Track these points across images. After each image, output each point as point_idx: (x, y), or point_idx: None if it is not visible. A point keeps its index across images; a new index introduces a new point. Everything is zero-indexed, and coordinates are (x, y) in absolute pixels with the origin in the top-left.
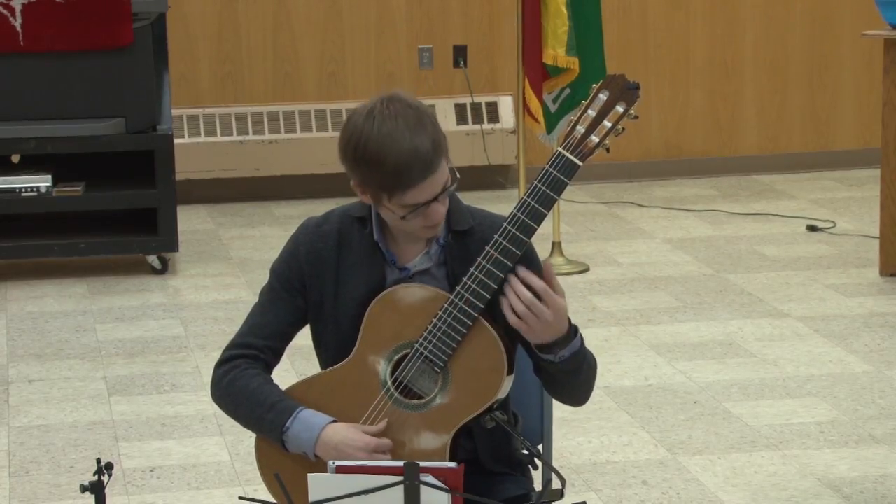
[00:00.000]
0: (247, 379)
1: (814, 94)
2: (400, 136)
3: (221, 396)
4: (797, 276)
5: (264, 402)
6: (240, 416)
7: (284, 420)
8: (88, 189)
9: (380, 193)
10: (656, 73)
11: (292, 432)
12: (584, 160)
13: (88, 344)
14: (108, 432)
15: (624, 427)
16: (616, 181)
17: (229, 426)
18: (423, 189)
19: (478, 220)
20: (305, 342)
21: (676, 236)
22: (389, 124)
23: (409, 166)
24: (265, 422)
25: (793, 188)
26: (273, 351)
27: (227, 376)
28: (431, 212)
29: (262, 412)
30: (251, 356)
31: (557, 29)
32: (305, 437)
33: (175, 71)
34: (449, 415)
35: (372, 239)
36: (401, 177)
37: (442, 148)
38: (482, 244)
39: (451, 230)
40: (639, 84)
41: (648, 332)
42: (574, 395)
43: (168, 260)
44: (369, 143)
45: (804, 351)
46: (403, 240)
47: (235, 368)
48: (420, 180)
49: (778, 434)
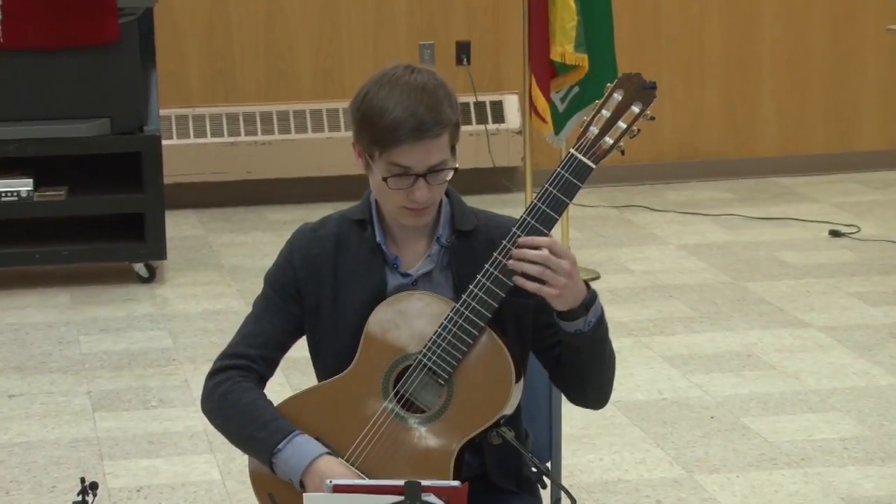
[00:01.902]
0: (240, 392)
1: (836, 92)
2: (407, 97)
3: (212, 409)
4: (819, 284)
5: (257, 420)
6: (229, 431)
7: (277, 441)
8: (71, 194)
9: (372, 149)
10: (669, 70)
11: (283, 455)
12: (598, 163)
13: (72, 357)
14: (92, 450)
15: (637, 444)
16: (628, 184)
17: (220, 443)
18: (414, 152)
19: (482, 220)
20: (300, 354)
21: (691, 242)
22: (403, 85)
23: (404, 123)
24: (256, 440)
25: (814, 191)
26: (267, 361)
27: (220, 388)
28: (415, 188)
29: (254, 430)
30: (244, 367)
31: (566, 24)
32: (295, 463)
33: (163, 69)
34: (453, 430)
35: (373, 242)
36: (394, 131)
37: (448, 124)
38: (488, 245)
39: (454, 230)
40: (655, 83)
41: (662, 343)
42: (602, 379)
43: (155, 268)
44: (377, 95)
45: (826, 363)
46: (405, 240)
47: (228, 381)
48: (412, 139)
49: (799, 451)
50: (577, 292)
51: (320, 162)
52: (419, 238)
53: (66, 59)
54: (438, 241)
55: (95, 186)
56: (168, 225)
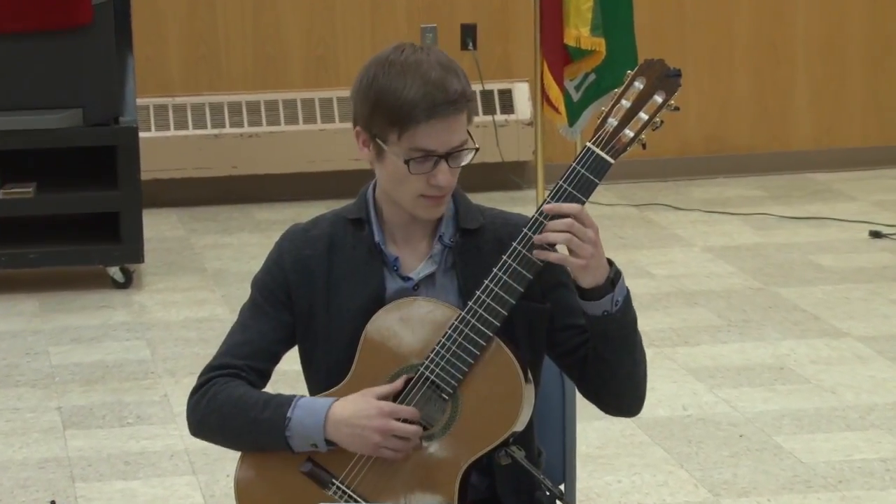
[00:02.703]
0: (229, 389)
1: (876, 80)
2: (428, 67)
3: (203, 419)
4: (858, 290)
5: (256, 404)
6: (230, 431)
7: (284, 412)
8: (40, 191)
9: (388, 132)
10: (694, 56)
11: (295, 422)
12: (617, 157)
13: (40, 369)
14: (63, 471)
15: (659, 464)
16: (649, 180)
17: (202, 464)
18: (436, 130)
19: (489, 218)
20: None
21: (718, 244)
22: (415, 63)
23: (425, 98)
24: (262, 422)
25: (853, 188)
26: (257, 372)
27: (205, 396)
28: (437, 172)
29: (257, 413)
30: (231, 375)
31: (581, 5)
32: (311, 423)
33: (140, 54)
34: (458, 449)
35: (371, 241)
36: (415, 108)
37: (469, 100)
38: (496, 245)
39: (459, 229)
40: (680, 71)
41: (687, 354)
42: (635, 374)
43: (132, 272)
44: (388, 73)
45: (866, 376)
46: (406, 240)
47: (214, 386)
48: (435, 115)
49: (837, 472)
50: (603, 266)
51: (312, 156)
52: (421, 238)
53: (33, 43)
54: (441, 241)
55: (66, 183)
56: (146, 225)
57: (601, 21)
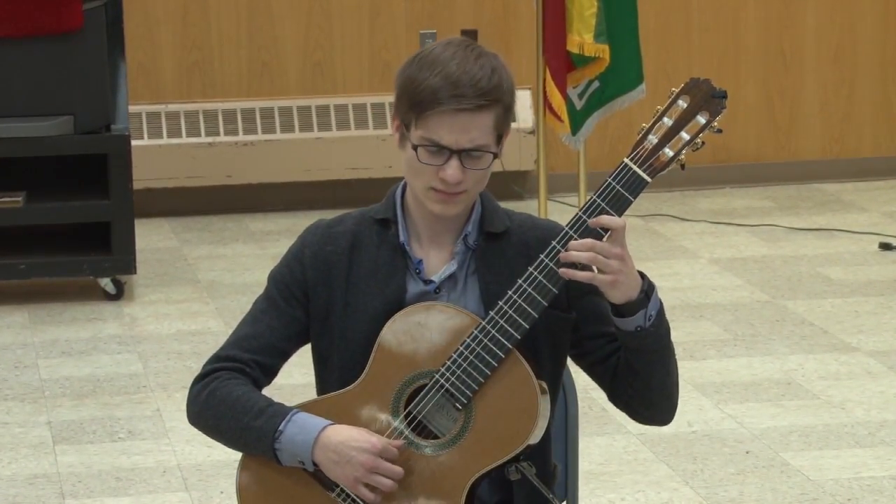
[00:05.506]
0: (230, 388)
1: (887, 89)
2: (460, 61)
3: (200, 412)
4: (868, 304)
5: (251, 409)
6: (222, 429)
7: (276, 424)
8: (30, 200)
9: (408, 116)
10: (700, 63)
11: (286, 436)
12: (654, 176)
13: (30, 383)
14: (52, 487)
15: (663, 482)
16: (653, 191)
17: (195, 480)
18: (449, 124)
19: (516, 222)
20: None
21: (725, 256)
22: (458, 51)
23: (443, 87)
24: (253, 430)
25: (863, 199)
26: (263, 368)
27: (207, 388)
28: (447, 167)
29: (250, 419)
30: (236, 369)
31: (584, 11)
32: (301, 441)
33: (132, 60)
34: (468, 461)
35: (395, 242)
36: (431, 95)
37: (494, 102)
38: (522, 249)
39: (483, 232)
40: (726, 92)
41: (692, 369)
42: (669, 384)
43: (124, 283)
44: (426, 58)
45: (877, 392)
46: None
47: (216, 379)
48: (448, 107)
49: (846, 490)
50: (634, 280)
51: (309, 165)
52: (446, 240)
53: (22, 49)
54: (465, 241)
55: (56, 192)
56: (138, 235)
57: (605, 27)
